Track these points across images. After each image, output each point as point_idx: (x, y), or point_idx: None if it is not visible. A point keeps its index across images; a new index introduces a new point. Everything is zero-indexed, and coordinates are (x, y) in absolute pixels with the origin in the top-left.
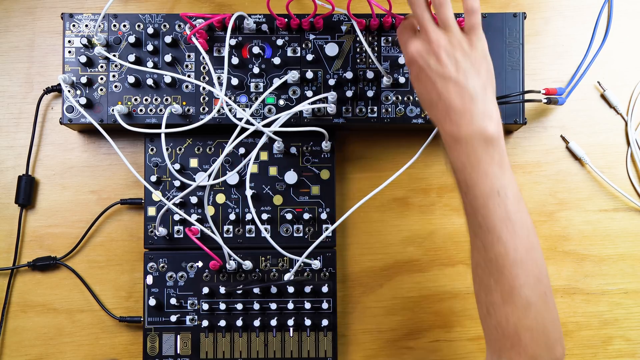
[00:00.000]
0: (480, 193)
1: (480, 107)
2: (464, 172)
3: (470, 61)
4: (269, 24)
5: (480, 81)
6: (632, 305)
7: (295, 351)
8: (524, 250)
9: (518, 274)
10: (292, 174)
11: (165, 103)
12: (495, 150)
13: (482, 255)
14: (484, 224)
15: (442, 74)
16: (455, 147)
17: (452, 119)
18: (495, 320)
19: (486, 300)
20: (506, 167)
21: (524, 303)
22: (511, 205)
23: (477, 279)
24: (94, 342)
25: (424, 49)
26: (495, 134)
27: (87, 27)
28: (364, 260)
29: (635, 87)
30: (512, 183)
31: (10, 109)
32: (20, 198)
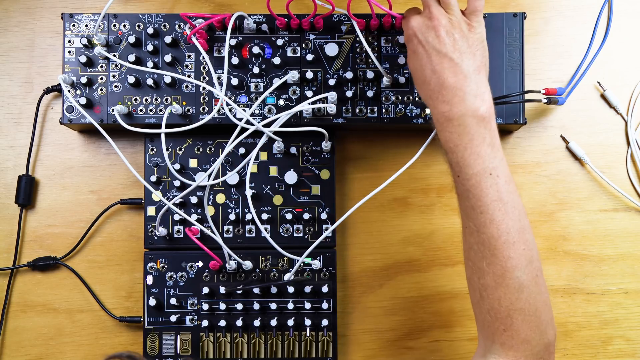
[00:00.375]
0: (473, 173)
1: (472, 87)
2: (456, 153)
3: (467, 42)
4: (269, 24)
5: (475, 63)
6: (632, 305)
7: (295, 351)
8: (516, 232)
9: (510, 255)
10: (292, 174)
11: (165, 103)
12: (487, 131)
13: (474, 238)
14: (476, 205)
15: (438, 49)
16: (447, 126)
17: (444, 97)
18: (489, 304)
19: (479, 284)
20: (497, 148)
21: (516, 285)
22: (503, 186)
23: (469, 263)
24: (94, 342)
25: (424, 24)
26: (487, 114)
27: (87, 27)
28: (364, 260)
29: (635, 87)
30: (504, 164)
31: (10, 109)
32: (20, 198)
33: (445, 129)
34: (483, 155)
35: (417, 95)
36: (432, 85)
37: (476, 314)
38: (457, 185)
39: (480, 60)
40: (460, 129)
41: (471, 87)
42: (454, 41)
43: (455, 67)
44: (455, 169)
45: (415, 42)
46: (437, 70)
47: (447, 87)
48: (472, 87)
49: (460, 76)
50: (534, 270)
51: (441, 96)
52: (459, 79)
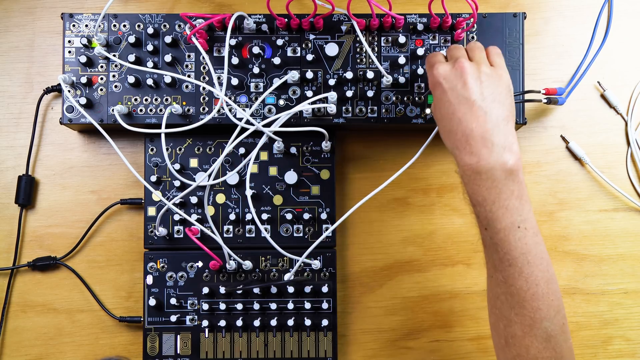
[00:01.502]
0: (501, 227)
1: (501, 139)
2: (484, 206)
3: (496, 91)
4: (269, 24)
5: (504, 112)
6: (632, 305)
7: (295, 351)
8: (544, 283)
9: (539, 307)
10: (292, 174)
11: (165, 103)
12: (515, 184)
13: (502, 289)
14: (505, 258)
15: (467, 97)
16: (475, 179)
17: (472, 148)
18: (516, 351)
19: (505, 332)
20: (525, 200)
21: (544, 335)
22: (531, 238)
23: (495, 311)
24: (94, 342)
25: (452, 72)
26: (516, 166)
27: (87, 27)
28: (364, 260)
29: (635, 87)
30: (531, 215)
31: (10, 109)
32: (20, 198)
33: (472, 182)
34: (511, 208)
35: (417, 95)
36: (458, 136)
37: (500, 357)
38: (484, 238)
39: (509, 109)
40: (488, 183)
41: (500, 138)
42: (482, 90)
43: (483, 116)
44: (483, 222)
45: (441, 89)
46: (464, 120)
47: (474, 137)
48: (501, 138)
49: (488, 126)
50: (561, 319)
51: (469, 147)
52: (487, 129)
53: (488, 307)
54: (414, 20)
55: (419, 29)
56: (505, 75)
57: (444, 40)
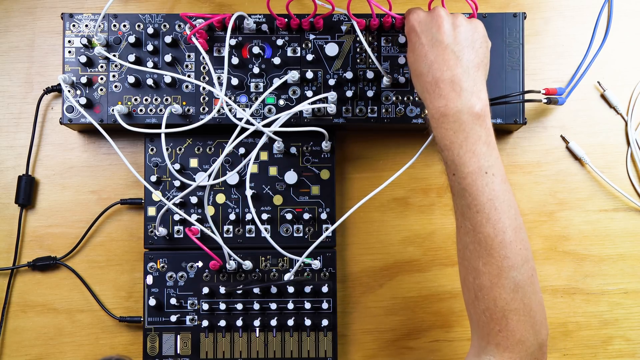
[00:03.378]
0: (468, 172)
1: (470, 84)
2: (452, 150)
3: (471, 38)
4: (269, 24)
5: (476, 59)
6: (632, 305)
7: (295, 351)
8: (512, 231)
9: (507, 255)
10: (292, 174)
11: (165, 103)
12: (483, 129)
13: (470, 237)
14: (472, 204)
15: (440, 40)
16: (442, 122)
17: (441, 91)
18: (484, 304)
19: (474, 284)
20: (493, 147)
21: (512, 285)
22: (499, 184)
23: (464, 263)
24: (94, 342)
25: (427, 17)
26: (483, 112)
27: (87, 27)
28: (364, 260)
29: (635, 87)
30: (499, 163)
31: (10, 109)
32: (20, 198)
33: (440, 125)
34: (479, 153)
35: (417, 95)
36: (428, 79)
37: (470, 314)
38: (452, 184)
39: (482, 57)
40: (455, 126)
41: (468, 83)
42: (457, 33)
43: (455, 60)
44: (451, 167)
45: (415, 33)
46: (435, 62)
47: (444, 80)
48: (470, 83)
49: (458, 70)
50: (529, 269)
51: (438, 90)
52: (457, 72)
53: (458, 261)
54: None
55: None
56: (481, 27)
57: None
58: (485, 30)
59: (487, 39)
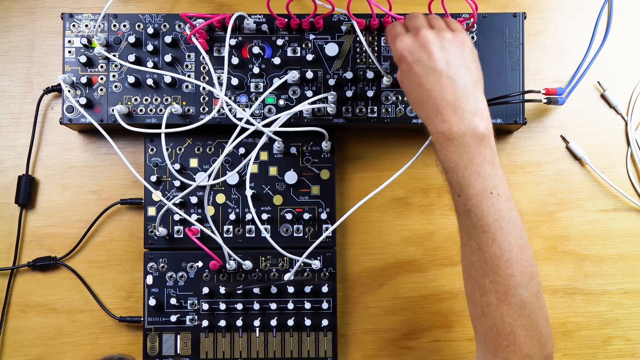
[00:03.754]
0: (474, 193)
1: (471, 104)
2: (457, 172)
3: (461, 56)
4: (269, 24)
5: (472, 77)
6: (632, 305)
7: (295, 351)
8: (518, 249)
9: (513, 273)
10: (292, 174)
11: (165, 103)
12: (487, 149)
13: (476, 256)
14: (478, 224)
15: (433, 68)
16: (447, 146)
17: (443, 116)
18: (491, 320)
19: (481, 301)
20: (497, 166)
21: (519, 302)
22: (504, 204)
23: (470, 280)
24: (94, 342)
25: (415, 44)
26: (487, 132)
27: (87, 27)
28: (364, 260)
29: (635, 87)
30: (504, 181)
31: (10, 109)
32: (20, 198)
33: (444, 149)
34: (484, 174)
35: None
36: (429, 106)
37: (477, 328)
38: (458, 205)
39: (476, 73)
40: (460, 149)
41: (470, 104)
42: (447, 57)
43: (452, 84)
44: (456, 188)
45: (406, 63)
46: (433, 90)
47: (444, 106)
48: (471, 104)
49: (458, 93)
50: (535, 285)
51: (440, 116)
52: (457, 96)
53: (463, 277)
54: None
55: None
56: (467, 39)
57: None
58: (471, 41)
59: (474, 49)
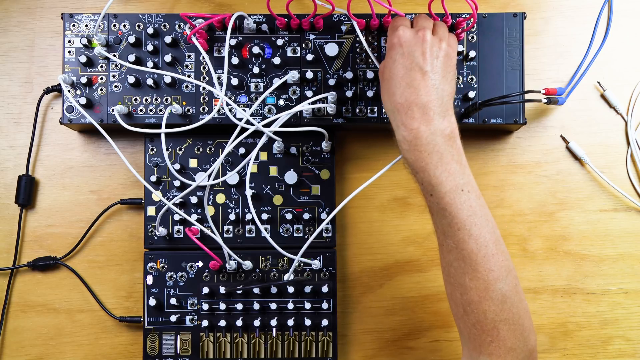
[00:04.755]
0: (446, 191)
1: (442, 109)
2: (427, 171)
3: (447, 69)
4: (269, 24)
5: (450, 89)
6: (632, 305)
7: (295, 351)
8: (493, 244)
9: (491, 268)
10: (292, 174)
11: (165, 103)
12: (454, 148)
13: (453, 255)
14: (453, 222)
15: (421, 66)
16: (416, 145)
17: (413, 114)
18: (474, 318)
19: (462, 300)
20: (465, 165)
21: (500, 297)
22: (475, 200)
23: (450, 280)
24: (94, 342)
25: (413, 39)
26: (453, 134)
27: (87, 27)
28: (364, 260)
29: (635, 87)
30: (472, 179)
31: (10, 109)
32: (20, 198)
33: (413, 148)
34: (453, 172)
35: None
36: (402, 100)
37: (460, 327)
38: (431, 205)
39: (453, 87)
40: (429, 147)
41: (441, 109)
42: (437, 63)
43: (432, 87)
44: (427, 188)
45: (399, 51)
46: (412, 86)
47: (417, 104)
48: (442, 109)
49: (433, 96)
50: (513, 279)
51: (410, 112)
52: (432, 99)
53: (443, 278)
54: None
55: None
56: (455, 59)
57: None
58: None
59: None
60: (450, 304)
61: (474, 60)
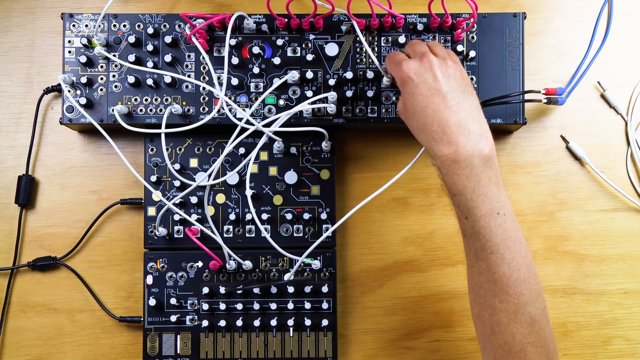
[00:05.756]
0: (482, 215)
1: (476, 126)
2: (464, 195)
3: (462, 84)
4: (269, 24)
5: (475, 101)
6: (632, 305)
7: (295, 351)
8: (525, 268)
9: (522, 292)
10: (292, 174)
11: (165, 103)
12: (492, 170)
13: (485, 277)
14: (487, 245)
15: (439, 89)
16: (453, 169)
17: (449, 138)
18: (502, 339)
19: (490, 321)
20: (502, 187)
21: (528, 320)
22: (510, 223)
23: (479, 300)
24: (94, 342)
25: (421, 67)
26: (491, 153)
27: (87, 27)
28: (364, 260)
29: (635, 87)
30: (508, 202)
31: (10, 109)
32: (20, 198)
33: (451, 172)
34: (490, 195)
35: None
36: (434, 127)
37: (486, 347)
38: (465, 227)
39: (477, 99)
40: (467, 171)
41: (475, 125)
42: (451, 82)
43: (456, 105)
44: (463, 211)
45: (412, 84)
46: (439, 111)
47: (450, 126)
48: (476, 125)
49: (462, 114)
50: (542, 302)
51: (445, 137)
52: (461, 117)
53: (470, 297)
54: (413, 20)
55: (419, 29)
56: (464, 71)
57: (444, 41)
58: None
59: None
60: (475, 322)
61: (473, 60)
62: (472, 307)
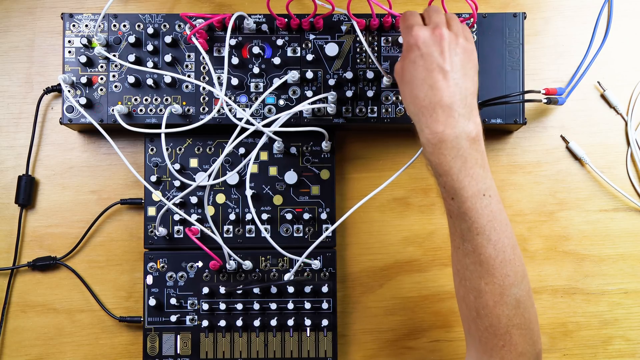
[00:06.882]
0: (468, 196)
1: (466, 111)
2: (450, 175)
3: (467, 66)
4: (269, 24)
5: (473, 87)
6: (632, 305)
7: (295, 351)
8: (510, 249)
9: (508, 273)
10: (292, 174)
11: (165, 103)
12: (478, 152)
13: (471, 259)
14: (473, 227)
15: (442, 66)
16: (440, 148)
17: (438, 116)
18: (487, 321)
19: (476, 303)
20: (487, 169)
21: (514, 302)
22: (495, 205)
23: (464, 283)
24: (94, 342)
25: (430, 37)
26: (478, 136)
27: (87, 27)
28: (364, 260)
29: (635, 87)
30: (493, 183)
31: (10, 109)
32: (20, 198)
33: (438, 151)
34: (476, 176)
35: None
36: (425, 102)
37: (471, 330)
38: (451, 208)
39: (476, 85)
40: (454, 152)
41: (465, 109)
42: (457, 61)
43: (454, 87)
44: (450, 192)
45: (417, 53)
46: (435, 88)
47: (442, 106)
48: (466, 110)
49: (457, 97)
50: (527, 284)
51: (435, 115)
52: (455, 99)
53: (455, 281)
54: None
55: None
56: (475, 52)
57: None
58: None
59: (477, 65)
60: (460, 305)
61: None
62: (456, 291)
